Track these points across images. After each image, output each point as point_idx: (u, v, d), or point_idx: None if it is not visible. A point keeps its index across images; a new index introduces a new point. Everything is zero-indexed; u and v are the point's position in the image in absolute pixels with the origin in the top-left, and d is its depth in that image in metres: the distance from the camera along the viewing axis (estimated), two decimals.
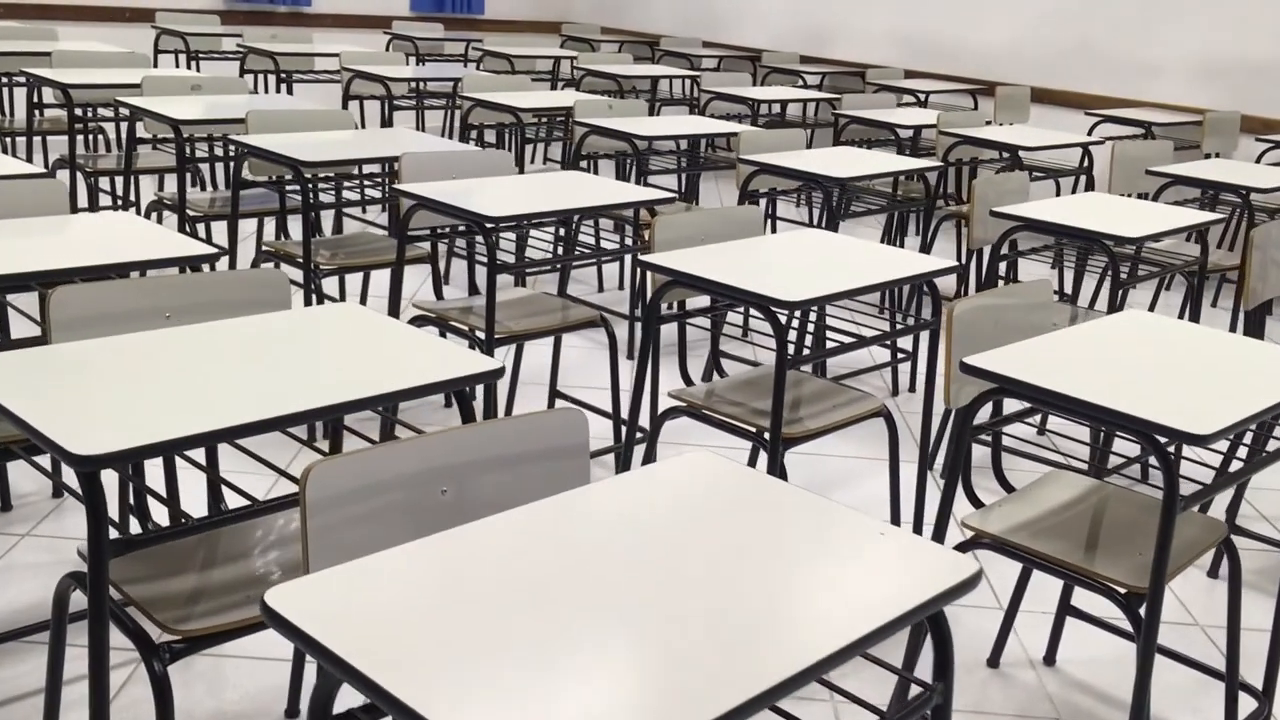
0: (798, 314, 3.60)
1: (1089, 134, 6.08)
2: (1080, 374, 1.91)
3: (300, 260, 3.49)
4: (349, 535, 1.27)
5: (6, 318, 2.79)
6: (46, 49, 5.08)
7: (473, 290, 3.67)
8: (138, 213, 4.62)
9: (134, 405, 1.48)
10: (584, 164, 4.53)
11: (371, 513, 1.30)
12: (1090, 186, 5.47)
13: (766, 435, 2.50)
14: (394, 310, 3.13)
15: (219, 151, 4.48)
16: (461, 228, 3.33)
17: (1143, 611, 1.89)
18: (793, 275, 2.46)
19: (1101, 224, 3.13)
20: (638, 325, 4.45)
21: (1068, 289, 4.94)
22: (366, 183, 3.74)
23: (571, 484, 1.46)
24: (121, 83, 4.35)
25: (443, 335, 3.74)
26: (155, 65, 5.56)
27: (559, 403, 3.75)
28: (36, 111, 4.79)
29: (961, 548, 2.02)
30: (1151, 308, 4.33)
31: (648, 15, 9.54)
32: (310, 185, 3.33)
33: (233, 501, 2.00)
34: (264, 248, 3.60)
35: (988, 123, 5.39)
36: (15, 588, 2.56)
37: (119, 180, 5.08)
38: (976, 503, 2.19)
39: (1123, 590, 1.92)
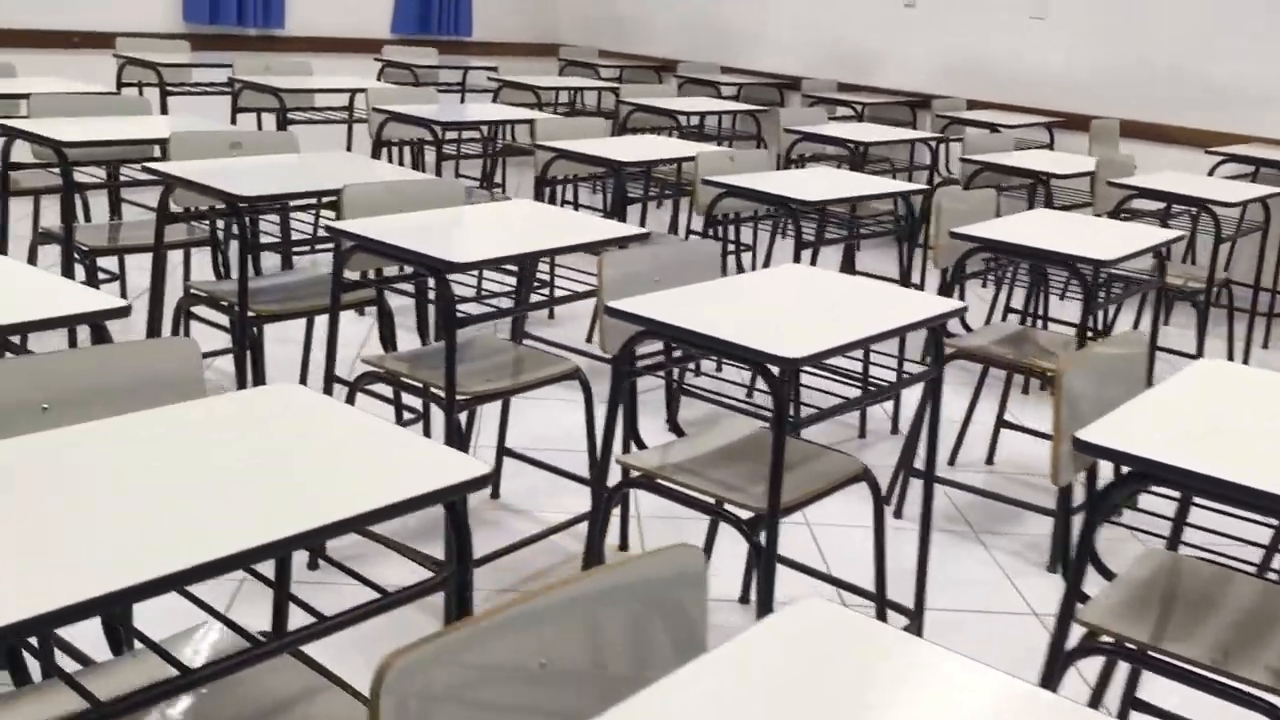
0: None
1: (1209, 174, 5.41)
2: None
3: (418, 384, 2.60)
4: None
5: None
6: (16, 90, 4.06)
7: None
8: (158, 303, 3.51)
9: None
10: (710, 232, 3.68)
11: None
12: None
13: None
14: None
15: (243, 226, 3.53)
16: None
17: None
18: None
19: None
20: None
21: None
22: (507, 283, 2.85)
23: None
24: (134, 138, 3.37)
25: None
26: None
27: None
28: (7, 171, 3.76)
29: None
30: None
31: (649, 37, 8.68)
32: (448, 290, 2.44)
33: None
34: (368, 367, 2.69)
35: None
36: None
37: (108, 260, 4.08)
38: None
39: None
